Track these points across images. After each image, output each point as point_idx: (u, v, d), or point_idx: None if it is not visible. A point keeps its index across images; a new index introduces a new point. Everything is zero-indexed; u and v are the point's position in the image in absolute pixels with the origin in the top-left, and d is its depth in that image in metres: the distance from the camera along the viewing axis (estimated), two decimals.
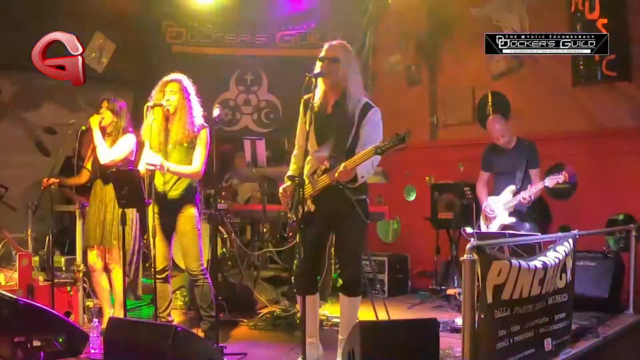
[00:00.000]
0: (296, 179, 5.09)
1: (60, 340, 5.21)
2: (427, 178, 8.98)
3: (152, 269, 5.79)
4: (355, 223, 5.14)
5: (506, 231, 6.75)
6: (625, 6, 7.65)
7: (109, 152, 6.40)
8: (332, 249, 6.38)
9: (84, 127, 6.50)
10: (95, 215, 6.52)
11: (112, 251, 6.46)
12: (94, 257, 6.53)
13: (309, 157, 5.17)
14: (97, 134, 6.41)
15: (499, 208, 7.29)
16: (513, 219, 7.21)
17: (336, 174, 4.85)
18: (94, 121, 6.45)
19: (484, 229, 7.37)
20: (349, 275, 5.21)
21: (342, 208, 5.08)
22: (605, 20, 7.52)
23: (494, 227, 7.27)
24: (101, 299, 6.67)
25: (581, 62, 7.85)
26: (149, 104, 5.68)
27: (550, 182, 6.91)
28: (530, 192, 7.02)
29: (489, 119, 7.74)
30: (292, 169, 5.40)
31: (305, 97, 5.18)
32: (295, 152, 5.46)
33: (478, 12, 9.15)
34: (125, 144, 6.49)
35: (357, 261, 5.34)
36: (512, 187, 7.21)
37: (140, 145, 6.12)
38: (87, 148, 6.75)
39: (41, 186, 6.57)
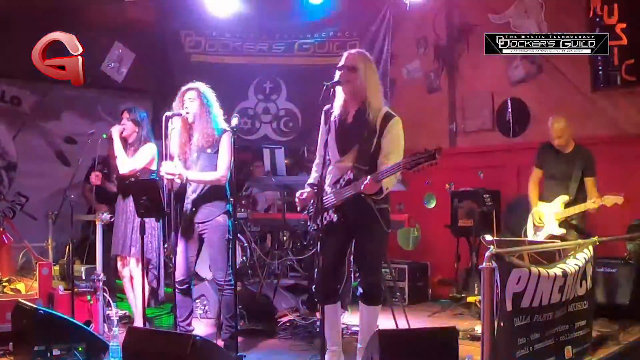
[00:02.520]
0: (315, 187, 5.10)
1: (80, 349, 5.24)
2: (447, 185, 8.94)
3: (173, 279, 5.81)
4: (377, 232, 5.11)
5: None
6: None
7: (128, 162, 6.44)
8: (352, 257, 6.37)
9: (104, 135, 6.54)
10: (119, 225, 6.56)
11: (132, 260, 6.51)
12: (120, 265, 6.63)
13: (330, 167, 5.18)
14: (117, 144, 6.45)
15: (549, 217, 7.05)
16: (563, 230, 6.95)
17: (362, 187, 4.83)
18: (115, 131, 6.49)
19: (531, 236, 7.18)
20: (369, 284, 5.19)
21: (365, 217, 5.05)
22: (624, 25, 7.51)
23: (541, 237, 7.02)
24: (132, 305, 6.75)
25: (600, 67, 7.80)
26: (168, 113, 5.69)
27: (609, 202, 6.68)
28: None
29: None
30: (312, 177, 5.41)
31: (326, 107, 5.18)
32: (316, 161, 5.45)
33: (496, 18, 9.13)
34: (145, 154, 6.52)
35: (378, 270, 5.33)
36: (564, 198, 6.97)
37: (162, 155, 6.11)
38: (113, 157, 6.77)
39: (89, 181, 6.85)
